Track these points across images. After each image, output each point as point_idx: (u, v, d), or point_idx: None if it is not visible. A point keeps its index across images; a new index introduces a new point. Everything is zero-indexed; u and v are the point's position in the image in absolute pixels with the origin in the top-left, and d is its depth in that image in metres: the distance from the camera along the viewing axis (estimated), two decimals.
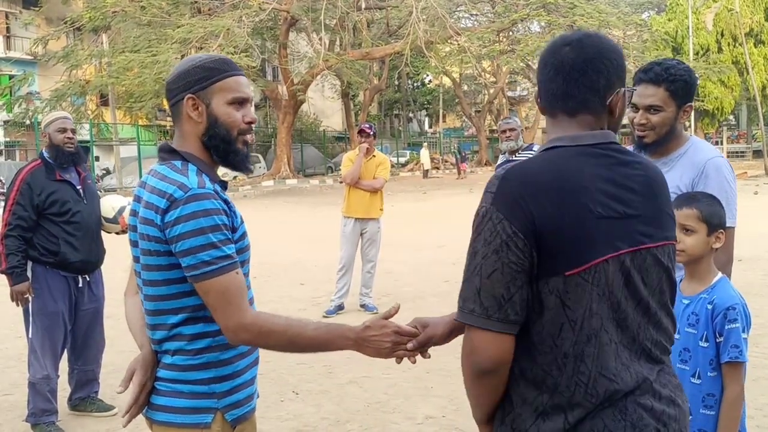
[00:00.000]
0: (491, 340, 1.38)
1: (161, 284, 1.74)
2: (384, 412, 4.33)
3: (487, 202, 1.42)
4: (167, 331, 1.76)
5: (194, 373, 1.75)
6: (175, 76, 1.80)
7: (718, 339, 2.11)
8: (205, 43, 23.96)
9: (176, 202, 1.67)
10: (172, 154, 1.81)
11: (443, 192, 24.52)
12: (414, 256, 10.25)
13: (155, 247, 1.71)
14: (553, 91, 1.52)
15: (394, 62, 37.48)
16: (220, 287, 1.66)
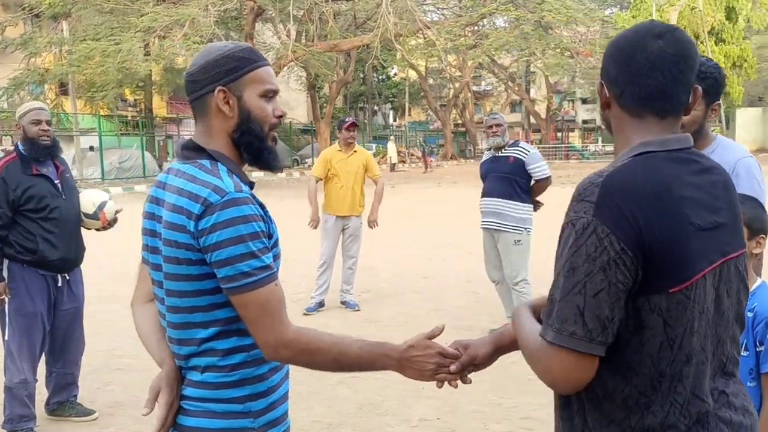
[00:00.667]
0: (587, 364, 1.29)
1: (191, 295, 1.59)
2: (377, 415, 4.23)
3: (587, 213, 1.28)
4: (197, 346, 1.61)
5: (228, 390, 1.61)
6: (200, 67, 1.65)
7: (759, 348, 2.05)
8: (169, 32, 23.51)
9: (212, 207, 1.52)
10: (199, 152, 1.65)
11: (412, 186, 24.48)
12: (389, 252, 10.17)
13: (186, 255, 1.56)
14: (646, 89, 1.38)
15: (361, 55, 37.28)
16: (261, 300, 1.53)
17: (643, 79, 1.38)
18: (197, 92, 1.66)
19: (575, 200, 1.32)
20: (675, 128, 1.41)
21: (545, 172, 5.75)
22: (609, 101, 1.45)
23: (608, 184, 1.30)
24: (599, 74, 1.48)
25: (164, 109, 41.02)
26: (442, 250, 10.24)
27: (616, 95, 1.42)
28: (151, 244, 1.68)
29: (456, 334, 5.99)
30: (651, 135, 1.39)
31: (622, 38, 1.43)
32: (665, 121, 1.40)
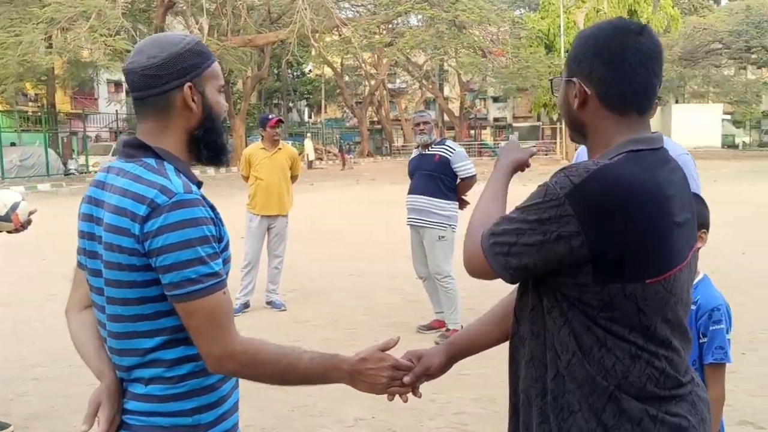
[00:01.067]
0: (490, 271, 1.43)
1: (134, 303, 1.48)
2: (311, 416, 4.16)
3: (562, 189, 1.30)
4: (141, 357, 1.50)
5: (175, 403, 1.50)
6: (163, 61, 1.52)
7: (702, 340, 2.12)
8: (73, 23, 22.47)
9: (159, 208, 1.42)
10: (143, 150, 1.54)
11: (330, 183, 24.38)
12: (313, 249, 10.05)
13: (129, 261, 1.45)
14: (633, 85, 1.38)
15: (276, 51, 36.79)
16: (207, 309, 1.44)
17: (630, 76, 1.38)
18: (158, 88, 1.53)
19: (561, 172, 1.33)
20: (648, 125, 1.43)
21: (470, 170, 5.80)
22: (585, 99, 1.42)
23: (598, 175, 1.30)
24: (567, 72, 1.45)
25: (68, 104, 39.20)
26: (367, 248, 10.23)
27: (599, 92, 1.40)
28: (89, 248, 1.55)
29: (385, 331, 6.01)
30: (633, 133, 1.40)
31: (600, 34, 1.41)
32: (643, 118, 1.42)
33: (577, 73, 1.42)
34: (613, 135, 1.40)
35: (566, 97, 1.46)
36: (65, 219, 11.01)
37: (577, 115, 1.45)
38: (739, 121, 51.13)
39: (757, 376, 4.62)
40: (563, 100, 1.48)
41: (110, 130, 36.80)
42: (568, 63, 1.45)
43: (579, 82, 1.41)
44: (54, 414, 4.27)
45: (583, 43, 1.43)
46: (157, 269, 1.44)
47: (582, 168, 1.32)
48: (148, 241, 1.42)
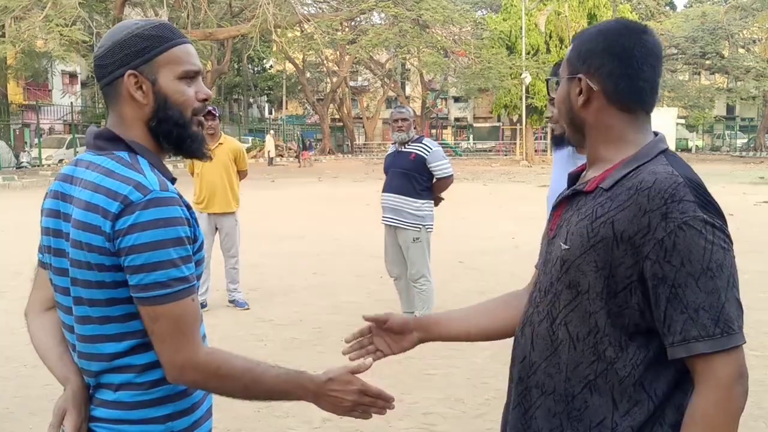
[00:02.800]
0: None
1: (103, 304, 1.39)
2: (277, 417, 4.08)
3: (696, 212, 1.27)
4: (109, 362, 1.42)
5: (147, 410, 1.43)
6: (107, 49, 1.45)
7: None
8: (28, 12, 21.86)
9: (132, 205, 1.34)
10: (115, 142, 1.45)
11: (292, 180, 24.19)
12: (276, 248, 9.94)
13: (98, 260, 1.37)
14: (643, 83, 1.38)
15: (236, 45, 36.35)
16: (174, 315, 1.36)
17: (639, 73, 1.38)
18: (106, 78, 1.46)
19: (670, 201, 1.27)
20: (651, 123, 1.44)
21: (447, 170, 5.70)
22: (590, 96, 1.40)
23: (690, 182, 1.30)
24: (570, 70, 1.43)
25: (20, 95, 38.11)
26: (331, 246, 10.14)
27: (608, 89, 1.39)
28: (54, 246, 1.46)
29: (351, 330, 5.90)
30: (642, 130, 1.41)
31: (609, 32, 1.40)
32: (648, 117, 1.42)
33: (582, 70, 1.40)
34: (624, 133, 1.40)
35: (567, 95, 1.44)
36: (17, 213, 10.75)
37: (580, 114, 1.43)
38: (693, 125, 52.42)
39: None
40: (564, 99, 1.46)
41: (64, 123, 35.94)
42: (571, 60, 1.44)
43: (585, 79, 1.40)
44: (10, 416, 4.11)
45: (590, 39, 1.42)
46: (125, 269, 1.36)
47: (675, 186, 1.29)
48: (119, 239, 1.34)
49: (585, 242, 1.35)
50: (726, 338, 1.25)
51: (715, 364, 1.25)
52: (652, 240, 1.27)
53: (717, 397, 1.25)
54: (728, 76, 47.53)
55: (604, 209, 1.35)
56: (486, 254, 9.39)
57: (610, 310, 1.33)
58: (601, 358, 1.35)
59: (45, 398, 4.31)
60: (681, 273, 1.25)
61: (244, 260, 8.90)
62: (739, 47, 45.98)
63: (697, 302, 1.25)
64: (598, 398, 1.35)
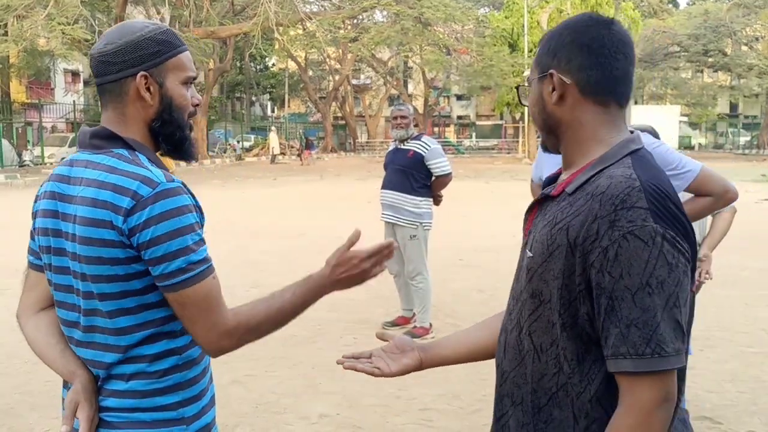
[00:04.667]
0: (675, 377, 1.22)
1: (115, 297, 1.43)
2: (275, 413, 4.10)
3: (646, 221, 1.19)
4: (122, 354, 1.46)
5: (160, 398, 1.48)
6: (118, 47, 1.48)
7: None
8: (30, 11, 21.87)
9: (143, 200, 1.39)
10: (113, 140, 1.49)
11: (294, 178, 24.21)
12: (276, 245, 9.96)
13: (111, 254, 1.41)
14: (615, 71, 1.33)
15: (239, 43, 36.37)
16: (200, 296, 1.43)
17: (611, 62, 1.33)
18: (112, 75, 1.49)
19: (619, 208, 1.20)
20: (626, 120, 1.41)
21: (445, 168, 5.70)
22: (564, 91, 1.35)
23: (648, 187, 1.23)
24: (540, 69, 1.39)
25: (23, 94, 38.15)
26: (331, 244, 9.96)
27: (580, 82, 1.34)
28: (54, 245, 1.49)
29: (351, 327, 5.97)
30: (616, 127, 1.36)
31: (575, 26, 1.37)
32: (622, 111, 1.38)
33: (553, 66, 1.36)
34: (600, 129, 1.35)
35: (540, 95, 1.39)
36: (20, 211, 10.77)
37: (554, 113, 1.38)
38: (696, 123, 52.34)
39: (713, 372, 4.71)
40: (536, 101, 1.41)
41: (67, 121, 35.98)
42: (540, 60, 1.40)
43: (557, 74, 1.35)
44: (11, 412, 4.14)
45: (556, 35, 1.38)
46: (147, 261, 1.41)
47: (628, 191, 1.22)
48: (136, 235, 1.40)
49: (545, 250, 1.30)
50: (655, 360, 1.17)
51: (638, 386, 1.19)
52: (598, 248, 1.21)
53: (635, 422, 1.19)
54: (731, 74, 47.45)
55: (563, 215, 1.30)
56: (487, 252, 9.40)
57: (564, 321, 1.27)
58: (561, 370, 1.29)
59: (46, 394, 4.35)
60: (619, 285, 1.18)
61: (245, 257, 8.99)
62: (742, 45, 45.85)
63: (630, 318, 1.18)
64: (559, 412, 1.30)
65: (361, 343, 5.41)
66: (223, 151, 38.72)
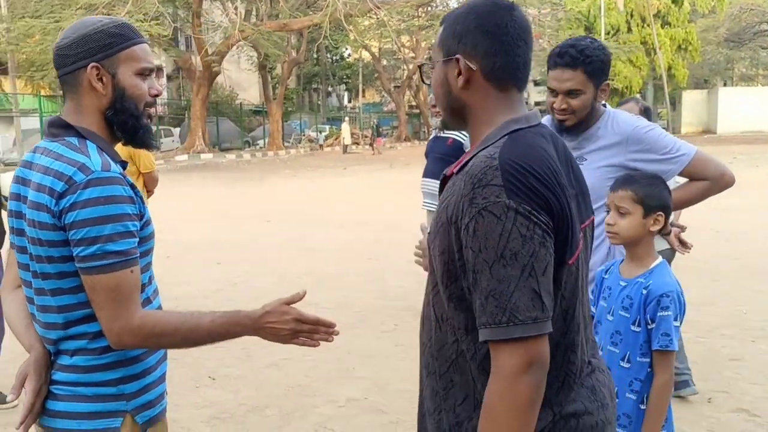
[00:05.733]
0: (546, 343, 1.25)
1: (55, 277, 1.54)
2: (304, 396, 4.21)
3: (499, 197, 1.23)
4: (64, 330, 1.57)
5: (99, 374, 1.57)
6: (72, 41, 1.58)
7: (650, 325, 2.09)
8: (112, 9, 22.84)
9: (75, 185, 1.48)
10: (66, 129, 1.60)
11: (364, 168, 24.41)
12: (336, 234, 10.11)
13: (48, 237, 1.51)
14: (516, 58, 1.37)
15: (313, 35, 36.84)
16: (110, 285, 1.49)
17: (514, 49, 1.36)
18: (68, 67, 1.60)
19: (476, 186, 1.25)
20: (524, 103, 1.43)
21: None
22: (470, 76, 1.38)
23: (506, 165, 1.26)
24: (445, 52, 1.41)
25: None
26: (391, 232, 10.23)
27: (485, 67, 1.37)
28: (17, 227, 1.62)
29: (394, 314, 6.03)
30: (513, 110, 1.39)
31: (479, 10, 1.38)
32: (520, 95, 1.41)
33: (458, 51, 1.38)
34: (496, 113, 1.39)
35: (445, 78, 1.42)
36: None
37: (459, 96, 1.41)
38: None
39: (762, 364, 4.52)
40: (441, 82, 1.43)
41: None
42: (445, 42, 1.41)
43: (463, 59, 1.38)
44: None
45: (461, 20, 1.39)
46: (71, 242, 1.49)
47: (484, 170, 1.26)
48: (63, 216, 1.48)
49: (434, 228, 1.36)
50: (511, 328, 1.21)
51: (501, 353, 1.23)
52: (462, 225, 1.27)
53: (500, 386, 1.23)
54: None
55: (446, 194, 1.36)
56: None
57: (451, 294, 1.34)
58: (456, 340, 1.36)
59: None
60: (479, 259, 1.24)
61: (303, 246, 9.18)
62: None
63: (489, 289, 1.23)
64: (460, 377, 1.37)
65: (401, 330, 5.47)
66: (298, 141, 39.38)
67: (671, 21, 37.60)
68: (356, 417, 3.92)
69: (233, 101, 41.99)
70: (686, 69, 38.83)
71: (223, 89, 40.73)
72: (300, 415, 3.93)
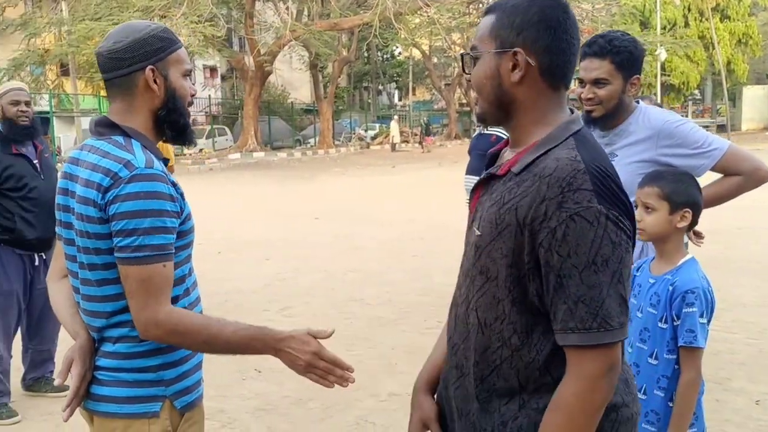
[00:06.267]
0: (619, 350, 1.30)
1: (101, 268, 1.64)
2: (347, 390, 4.25)
3: (591, 202, 1.24)
4: (106, 319, 1.67)
5: (140, 360, 1.67)
6: (126, 45, 1.68)
7: (676, 322, 2.09)
8: (168, 11, 23.41)
9: (120, 180, 1.58)
10: (112, 128, 1.70)
11: (412, 166, 24.44)
12: (383, 231, 10.19)
13: (94, 229, 1.62)
14: (572, 57, 1.36)
15: (363, 33, 37.02)
16: (142, 276, 1.58)
17: (570, 48, 1.36)
18: (122, 69, 1.69)
19: (567, 190, 1.25)
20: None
21: None
22: (526, 73, 1.35)
23: (592, 168, 1.27)
24: (500, 43, 1.36)
25: None
26: (436, 230, 10.25)
27: (542, 65, 1.35)
28: (64, 219, 1.73)
29: (437, 311, 6.06)
30: (563, 109, 1.40)
31: (542, 3, 1.35)
32: (566, 93, 1.42)
33: (518, 44, 1.34)
34: (548, 112, 1.38)
35: (496, 70, 1.37)
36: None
37: (510, 91, 1.37)
38: None
39: None
40: (490, 75, 1.38)
41: (205, 114, 38.23)
42: (500, 33, 1.36)
43: (522, 53, 1.34)
44: None
45: (521, 12, 1.35)
46: (112, 233, 1.60)
47: (573, 173, 1.27)
48: (107, 208, 1.59)
49: (494, 229, 1.34)
50: (601, 333, 1.24)
51: (585, 357, 1.26)
52: (546, 228, 1.26)
53: (580, 389, 1.26)
54: None
55: (510, 195, 1.33)
56: None
57: (514, 297, 1.33)
58: (506, 344, 1.36)
59: None
60: (567, 264, 1.24)
61: (349, 244, 9.29)
62: None
63: (578, 294, 1.24)
64: (503, 383, 1.37)
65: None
66: (348, 140, 39.64)
67: (731, 14, 36.49)
68: (397, 411, 3.98)
69: (285, 100, 42.53)
70: (746, 64, 37.63)
71: (275, 88, 41.27)
72: (342, 408, 4.02)
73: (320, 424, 3.86)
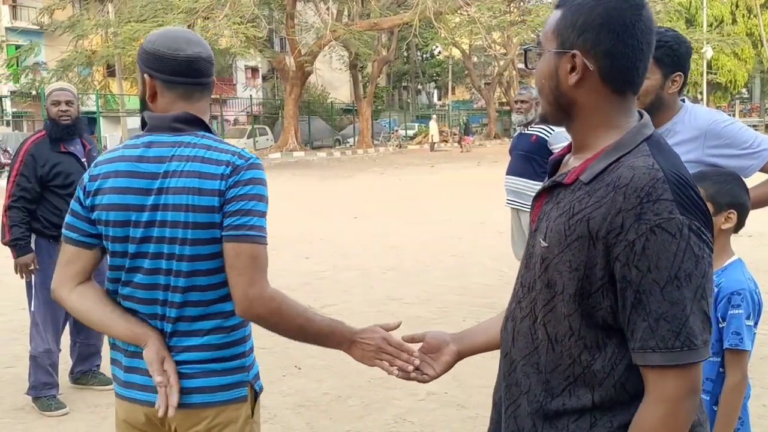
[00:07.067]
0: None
1: (206, 258, 1.68)
2: (386, 388, 4.31)
3: (673, 213, 1.17)
4: (204, 308, 1.70)
5: (229, 350, 1.74)
6: (209, 54, 1.80)
7: (721, 324, 2.05)
8: (211, 12, 23.79)
9: (238, 167, 1.68)
10: (192, 125, 1.75)
11: (451, 165, 24.38)
12: (420, 230, 10.20)
13: (207, 219, 1.66)
14: (637, 62, 1.28)
15: (403, 33, 37.03)
16: (254, 253, 1.64)
17: (636, 53, 1.27)
18: (211, 76, 1.82)
19: (646, 201, 1.18)
20: None
21: None
22: (584, 77, 1.29)
23: (672, 177, 1.21)
24: (560, 43, 1.30)
25: None
26: (474, 229, 10.24)
27: (603, 70, 1.28)
28: (135, 219, 1.68)
29: (477, 311, 6.04)
30: (631, 113, 1.32)
31: (609, 4, 1.27)
32: (635, 98, 1.34)
33: (577, 46, 1.28)
34: (614, 116, 1.31)
35: (554, 71, 1.32)
36: None
37: (568, 93, 1.31)
38: None
39: None
40: (550, 75, 1.33)
41: (247, 114, 38.69)
42: (562, 31, 1.30)
43: (580, 56, 1.28)
44: None
45: (586, 10, 1.27)
46: (225, 214, 1.66)
47: (653, 182, 1.20)
48: (227, 192, 1.66)
49: (562, 240, 1.27)
50: (685, 353, 1.18)
51: (667, 378, 1.19)
52: (623, 241, 1.19)
53: (663, 412, 1.20)
54: None
55: (581, 205, 1.26)
56: None
57: (583, 312, 1.26)
58: (577, 361, 1.29)
59: None
60: (647, 279, 1.18)
61: (386, 242, 9.31)
62: None
63: (660, 311, 1.18)
64: (576, 401, 1.30)
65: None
66: (387, 139, 39.72)
67: None
68: (435, 410, 3.99)
69: (325, 100, 42.82)
70: None
71: (315, 88, 41.58)
72: (380, 406, 4.04)
73: (359, 422, 3.89)
